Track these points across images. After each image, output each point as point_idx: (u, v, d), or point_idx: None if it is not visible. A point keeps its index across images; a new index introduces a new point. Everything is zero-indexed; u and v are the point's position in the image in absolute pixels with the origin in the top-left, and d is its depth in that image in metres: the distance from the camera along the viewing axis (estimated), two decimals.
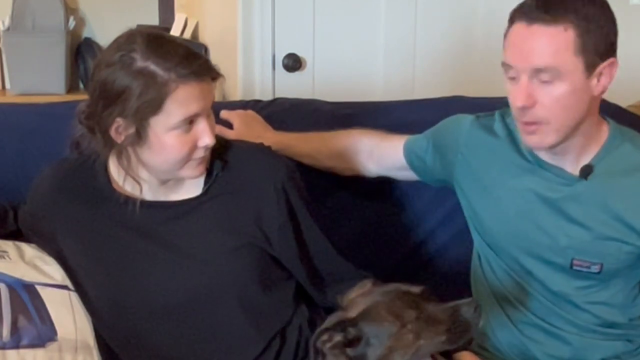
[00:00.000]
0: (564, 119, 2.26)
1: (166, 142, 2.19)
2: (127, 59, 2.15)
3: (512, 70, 2.25)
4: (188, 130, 2.19)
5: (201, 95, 2.18)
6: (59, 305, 2.35)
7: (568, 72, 2.20)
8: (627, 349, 2.47)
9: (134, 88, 2.14)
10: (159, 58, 2.14)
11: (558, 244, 2.39)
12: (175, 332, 2.34)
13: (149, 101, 2.14)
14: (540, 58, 2.19)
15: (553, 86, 2.21)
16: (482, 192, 2.53)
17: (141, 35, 2.20)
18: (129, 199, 2.33)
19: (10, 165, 2.71)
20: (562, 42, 2.18)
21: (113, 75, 2.16)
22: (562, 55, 2.19)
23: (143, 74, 2.13)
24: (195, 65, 2.17)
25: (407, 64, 4.29)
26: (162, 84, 2.13)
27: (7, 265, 2.36)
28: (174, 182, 2.33)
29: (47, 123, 2.81)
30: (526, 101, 2.22)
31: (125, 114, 2.16)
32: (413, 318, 2.09)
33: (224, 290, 2.32)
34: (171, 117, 2.16)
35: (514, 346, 2.52)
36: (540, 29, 2.19)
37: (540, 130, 2.27)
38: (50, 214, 2.43)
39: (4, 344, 2.23)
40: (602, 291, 2.43)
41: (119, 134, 2.20)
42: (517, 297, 2.50)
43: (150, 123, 2.17)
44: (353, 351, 2.04)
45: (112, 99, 2.17)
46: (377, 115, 3.03)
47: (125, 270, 2.34)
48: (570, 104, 2.24)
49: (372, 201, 2.93)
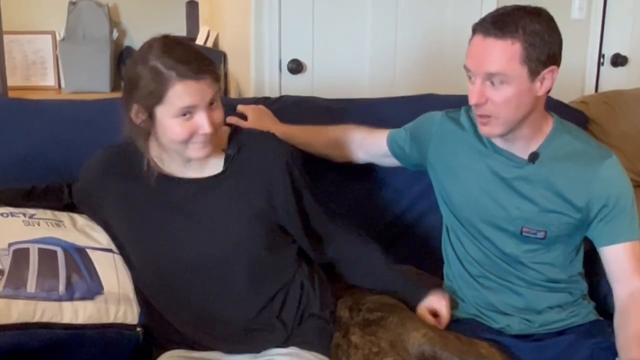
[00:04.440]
0: (510, 114, 2.31)
1: (169, 127, 2.22)
2: (145, 57, 2.21)
3: (470, 73, 2.30)
4: (189, 119, 2.21)
5: (197, 91, 2.19)
6: (105, 265, 2.37)
7: (514, 78, 2.25)
8: (568, 300, 2.51)
9: (144, 79, 2.19)
10: (166, 58, 2.17)
11: (510, 215, 2.44)
12: (197, 285, 2.35)
13: (154, 92, 2.18)
14: (492, 65, 2.24)
15: (502, 88, 2.26)
16: (450, 173, 2.56)
17: (159, 40, 2.24)
18: (163, 177, 2.36)
19: (64, 151, 2.73)
20: (509, 53, 2.23)
21: (133, 68, 2.23)
22: (510, 64, 2.23)
23: (152, 69, 2.18)
24: (195, 66, 2.18)
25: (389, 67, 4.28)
26: (164, 79, 2.17)
27: (62, 232, 2.39)
28: (197, 162, 2.35)
29: (94, 116, 2.85)
30: (479, 99, 2.28)
31: (138, 100, 2.22)
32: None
33: (237, 253, 2.34)
34: (171, 108, 2.19)
35: (476, 297, 2.55)
36: (493, 41, 2.24)
37: (490, 122, 2.33)
38: (98, 189, 2.45)
39: (60, 296, 2.25)
40: (546, 254, 2.47)
41: (137, 117, 2.25)
42: (477, 259, 2.54)
43: (156, 111, 2.22)
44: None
45: (130, 87, 2.24)
46: (365, 110, 3.06)
47: (159, 236, 2.36)
48: (516, 103, 2.28)
49: (359, 182, 2.95)
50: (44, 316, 2.24)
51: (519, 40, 2.23)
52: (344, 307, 2.47)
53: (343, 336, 2.36)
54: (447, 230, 2.67)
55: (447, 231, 2.67)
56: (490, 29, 2.25)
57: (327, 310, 2.47)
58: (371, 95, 3.40)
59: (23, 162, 2.74)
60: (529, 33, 2.24)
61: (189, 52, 2.22)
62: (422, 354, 2.30)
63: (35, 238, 2.34)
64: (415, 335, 2.31)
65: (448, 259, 2.67)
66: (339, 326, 2.42)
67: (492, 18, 2.28)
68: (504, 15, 2.28)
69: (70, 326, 2.27)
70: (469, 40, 2.34)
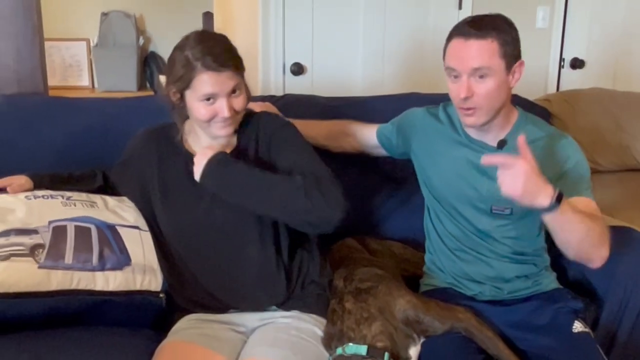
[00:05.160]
0: (492, 104, 2.31)
1: (196, 109, 2.25)
2: (182, 46, 2.24)
3: (455, 72, 2.29)
4: (212, 103, 2.23)
5: (218, 82, 2.21)
6: (132, 241, 2.38)
7: (495, 71, 2.26)
8: (533, 271, 2.50)
9: (177, 65, 2.22)
10: (196, 50, 2.20)
11: (482, 195, 2.43)
12: (215, 249, 2.36)
13: (183, 77, 2.22)
14: (476, 61, 2.25)
15: (485, 81, 2.27)
16: (431, 160, 2.56)
17: (197, 33, 2.28)
18: (190, 153, 2.38)
19: (97, 142, 2.74)
20: (490, 50, 2.25)
21: (173, 54, 2.26)
22: (491, 58, 2.25)
23: (184, 57, 2.21)
24: (219, 59, 2.20)
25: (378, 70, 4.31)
26: (192, 68, 2.20)
27: (95, 212, 2.39)
28: (223, 140, 2.36)
29: (123, 112, 2.86)
30: (467, 93, 2.27)
31: (173, 82, 2.25)
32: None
33: (250, 219, 2.33)
34: (197, 93, 2.22)
35: (453, 268, 2.55)
36: (474, 41, 2.24)
37: (475, 113, 2.32)
38: (139, 161, 2.47)
39: (93, 267, 2.26)
40: (514, 229, 2.46)
41: (174, 95, 2.28)
42: (454, 234, 2.53)
43: (185, 94, 2.25)
44: None
45: (169, 69, 2.27)
46: (357, 106, 3.05)
47: (185, 203, 2.37)
48: (496, 94, 2.29)
49: (353, 169, 2.93)
50: (80, 284, 2.24)
51: (496, 39, 2.25)
52: (339, 277, 2.47)
53: (338, 303, 2.36)
54: (428, 210, 2.66)
55: (428, 211, 2.66)
56: (470, 32, 2.26)
57: (325, 279, 2.47)
58: (363, 93, 3.40)
59: (61, 152, 2.75)
60: (502, 33, 2.27)
61: (217, 46, 2.24)
62: (407, 318, 2.30)
63: (72, 217, 2.35)
64: (400, 302, 2.31)
65: (429, 234, 2.67)
66: (335, 294, 2.42)
67: (469, 23, 2.29)
68: (479, 21, 2.29)
69: (102, 293, 2.27)
70: (445, 46, 2.35)
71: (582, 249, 2.23)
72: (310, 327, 2.33)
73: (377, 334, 2.24)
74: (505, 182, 2.09)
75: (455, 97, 2.34)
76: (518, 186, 2.06)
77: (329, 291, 2.45)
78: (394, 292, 2.34)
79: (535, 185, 2.07)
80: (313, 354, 2.24)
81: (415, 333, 2.31)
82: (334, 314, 2.34)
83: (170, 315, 2.41)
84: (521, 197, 2.08)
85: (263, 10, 4.13)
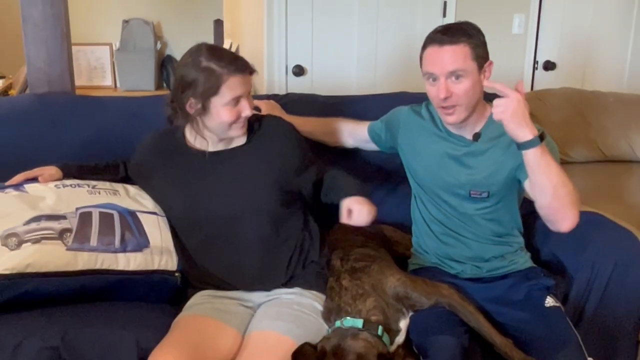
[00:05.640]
0: (469, 101, 2.31)
1: (221, 113, 2.25)
2: (196, 60, 2.22)
3: (433, 76, 2.29)
4: (235, 105, 2.24)
5: (242, 83, 2.24)
6: (151, 225, 2.37)
7: (469, 72, 2.26)
8: (508, 251, 2.50)
9: (200, 78, 2.20)
10: (217, 60, 2.20)
11: (460, 181, 2.43)
12: (226, 234, 2.35)
13: (211, 87, 2.20)
14: (452, 64, 2.25)
15: (461, 82, 2.27)
16: (415, 152, 2.55)
17: (205, 46, 2.27)
18: (197, 151, 2.37)
19: (120, 136, 2.72)
20: (463, 53, 2.25)
21: (187, 70, 2.23)
22: (465, 61, 2.25)
23: (207, 69, 2.20)
24: (239, 64, 2.23)
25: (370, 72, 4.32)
26: (218, 75, 2.19)
27: (118, 199, 2.39)
28: (227, 140, 2.36)
29: (142, 109, 2.83)
30: (446, 93, 2.27)
31: (195, 95, 2.23)
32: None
33: (258, 206, 2.35)
34: (224, 97, 2.22)
35: (437, 249, 2.54)
36: (448, 47, 2.25)
37: (455, 111, 2.32)
38: (150, 161, 2.46)
39: (115, 249, 2.27)
40: (492, 212, 2.45)
41: (191, 108, 2.26)
42: (438, 219, 2.53)
43: (211, 101, 2.23)
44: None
45: (186, 85, 2.23)
46: (352, 104, 3.02)
47: (196, 195, 2.36)
48: (472, 92, 2.29)
49: (348, 161, 2.88)
50: (103, 265, 2.25)
51: (467, 43, 2.26)
52: (337, 257, 2.46)
53: (335, 280, 2.36)
54: (415, 197, 2.64)
55: (414, 198, 2.65)
56: (444, 39, 2.27)
57: (324, 259, 2.47)
58: (357, 92, 3.38)
59: (87, 145, 2.73)
60: (472, 38, 2.28)
61: (231, 54, 2.27)
62: (397, 295, 2.30)
63: (97, 204, 2.35)
64: (391, 280, 2.31)
65: (415, 219, 2.65)
66: (332, 272, 2.42)
67: (441, 32, 2.30)
68: (451, 29, 2.30)
69: (123, 272, 2.28)
70: (421, 54, 2.36)
71: (556, 198, 2.21)
72: (311, 302, 2.33)
73: (371, 308, 2.24)
74: (498, 106, 2.15)
75: (434, 98, 2.34)
76: (509, 111, 2.13)
77: (327, 270, 2.45)
78: (385, 271, 2.34)
79: (522, 117, 2.14)
80: (314, 327, 2.24)
81: (404, 307, 2.31)
82: (332, 290, 2.34)
83: (185, 292, 2.41)
84: (509, 122, 2.15)
85: (268, 18, 4.13)
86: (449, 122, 2.40)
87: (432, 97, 2.35)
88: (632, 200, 3.21)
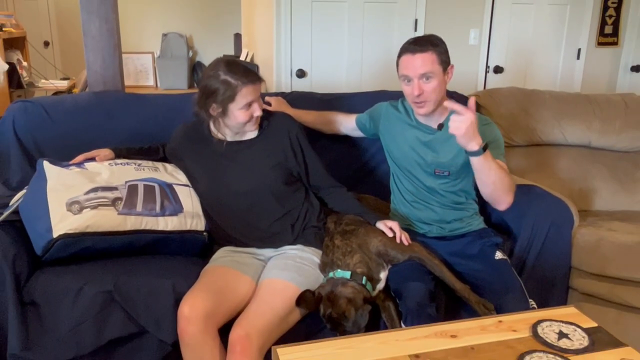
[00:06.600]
0: (435, 97, 2.29)
1: (237, 115, 2.22)
2: (216, 74, 2.18)
3: (408, 77, 2.27)
4: (248, 108, 2.21)
5: (253, 91, 2.20)
6: (184, 195, 2.37)
7: (436, 74, 2.24)
8: (466, 215, 2.48)
9: (220, 89, 2.17)
10: (232, 73, 2.17)
11: (427, 162, 2.41)
12: (242, 205, 2.33)
13: (229, 96, 2.17)
14: (423, 68, 2.23)
15: (430, 82, 2.25)
16: (393, 138, 2.52)
17: (223, 62, 2.22)
18: (219, 140, 2.34)
19: (160, 126, 2.69)
20: (431, 59, 2.23)
21: (210, 82, 2.19)
22: (433, 65, 2.23)
23: (225, 82, 2.16)
24: (250, 76, 2.19)
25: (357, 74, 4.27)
26: (234, 87, 2.16)
27: (158, 174, 2.38)
28: (241, 133, 2.33)
29: (178, 104, 2.80)
30: (419, 91, 2.25)
31: (216, 101, 2.19)
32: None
33: (266, 185, 2.32)
34: (239, 103, 2.19)
35: (409, 214, 2.52)
36: (419, 55, 2.23)
37: (425, 105, 2.29)
38: (181, 148, 2.44)
39: (156, 214, 2.26)
40: (452, 187, 2.43)
41: (213, 111, 2.23)
42: (410, 190, 2.50)
43: (229, 107, 2.20)
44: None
45: (209, 94, 2.20)
46: (343, 100, 2.99)
47: (219, 176, 2.34)
48: (438, 90, 2.27)
49: (340, 145, 2.89)
50: (147, 226, 2.25)
51: (434, 51, 2.24)
52: (331, 221, 2.45)
53: (330, 240, 2.35)
54: (392, 174, 2.62)
55: (392, 175, 2.62)
56: (415, 49, 2.25)
57: (321, 223, 2.45)
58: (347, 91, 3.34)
59: (134, 132, 2.71)
60: (437, 47, 2.26)
61: (244, 68, 2.22)
62: (379, 252, 2.29)
63: (142, 178, 2.34)
64: (374, 240, 2.30)
65: (393, 191, 2.63)
66: (327, 233, 2.40)
67: (413, 43, 2.27)
68: (421, 40, 2.28)
69: (163, 232, 2.28)
70: (398, 61, 2.32)
71: (495, 190, 2.22)
72: (311, 257, 2.32)
73: (357, 262, 2.23)
74: (454, 123, 2.10)
75: (409, 95, 2.31)
76: (462, 128, 2.08)
77: (324, 231, 2.43)
78: (370, 233, 2.32)
79: (473, 133, 2.10)
80: (312, 276, 2.24)
81: (384, 262, 2.30)
82: (327, 248, 2.33)
83: (211, 247, 2.41)
84: (461, 137, 2.11)
85: (276, 32, 4.10)
86: (420, 114, 2.36)
87: (407, 94, 2.32)
88: (563, 176, 3.22)
